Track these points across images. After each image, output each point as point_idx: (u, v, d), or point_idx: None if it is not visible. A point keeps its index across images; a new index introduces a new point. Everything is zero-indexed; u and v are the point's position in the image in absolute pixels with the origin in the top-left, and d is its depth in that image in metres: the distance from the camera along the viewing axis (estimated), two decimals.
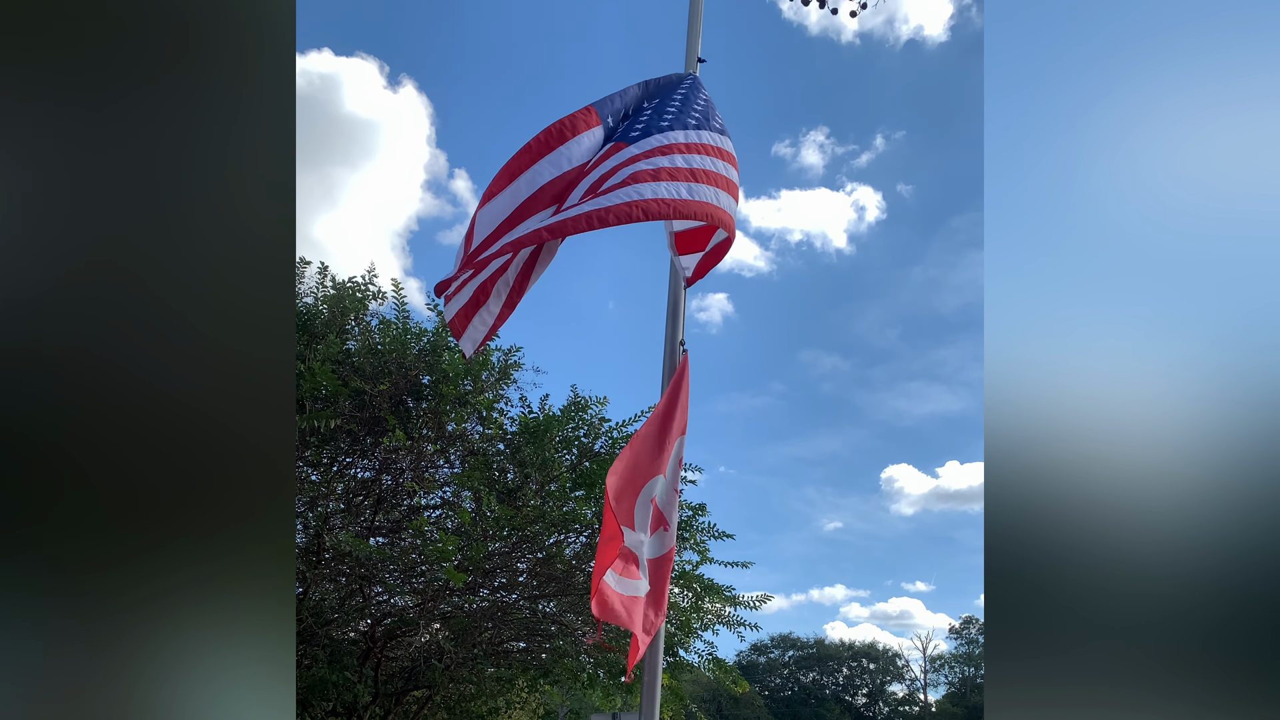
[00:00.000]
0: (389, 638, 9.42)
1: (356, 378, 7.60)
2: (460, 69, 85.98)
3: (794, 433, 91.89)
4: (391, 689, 10.10)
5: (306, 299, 8.21)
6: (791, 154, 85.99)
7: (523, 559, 8.69)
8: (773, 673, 67.46)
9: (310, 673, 8.76)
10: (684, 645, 9.36)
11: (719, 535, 8.96)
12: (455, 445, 8.27)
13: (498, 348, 8.23)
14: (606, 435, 8.55)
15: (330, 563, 7.91)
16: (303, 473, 8.05)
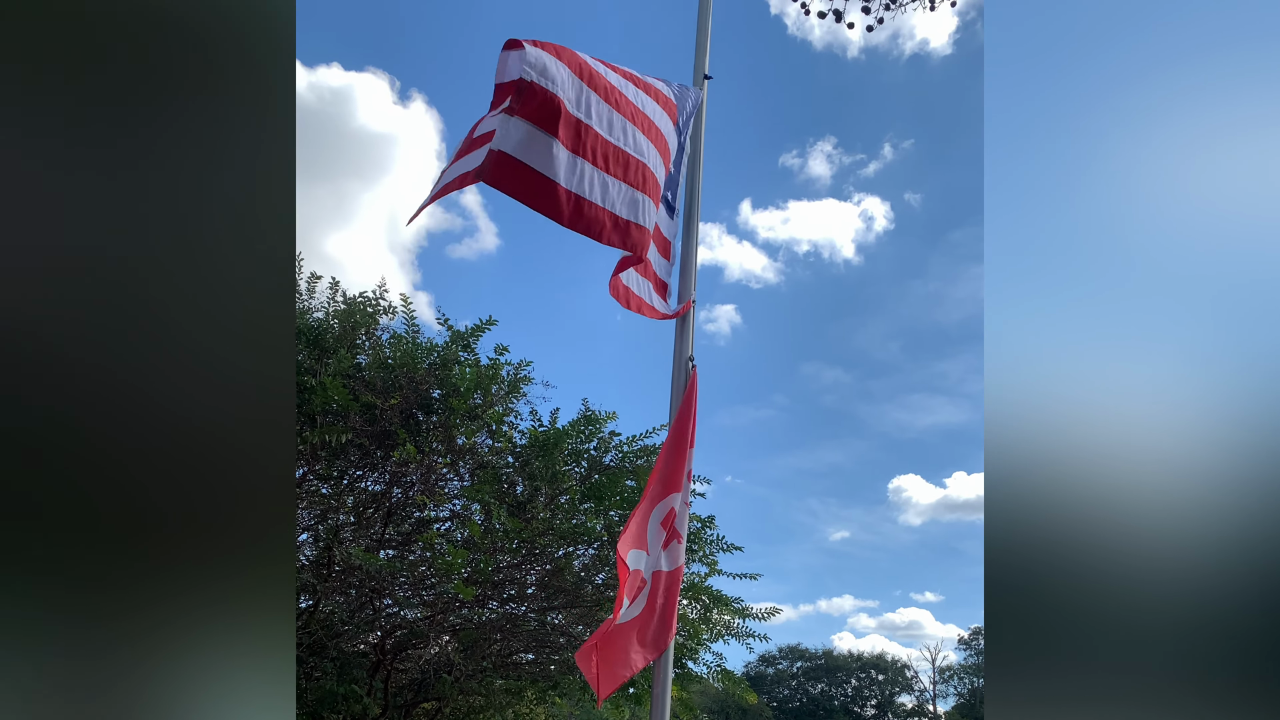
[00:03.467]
0: (399, 650, 9.45)
1: (367, 392, 7.65)
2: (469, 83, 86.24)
3: (796, 445, 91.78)
4: (401, 701, 10.11)
5: (317, 314, 8.27)
6: (799, 165, 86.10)
7: (531, 571, 8.72)
8: (781, 684, 67.18)
9: (320, 685, 8.79)
10: (692, 657, 9.37)
11: (728, 547, 8.96)
12: (465, 458, 8.31)
13: (507, 361, 8.29)
14: (616, 449, 8.58)
15: (340, 575, 7.95)
16: (313, 486, 8.10)
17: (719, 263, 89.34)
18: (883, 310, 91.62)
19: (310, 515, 8.28)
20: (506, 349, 8.18)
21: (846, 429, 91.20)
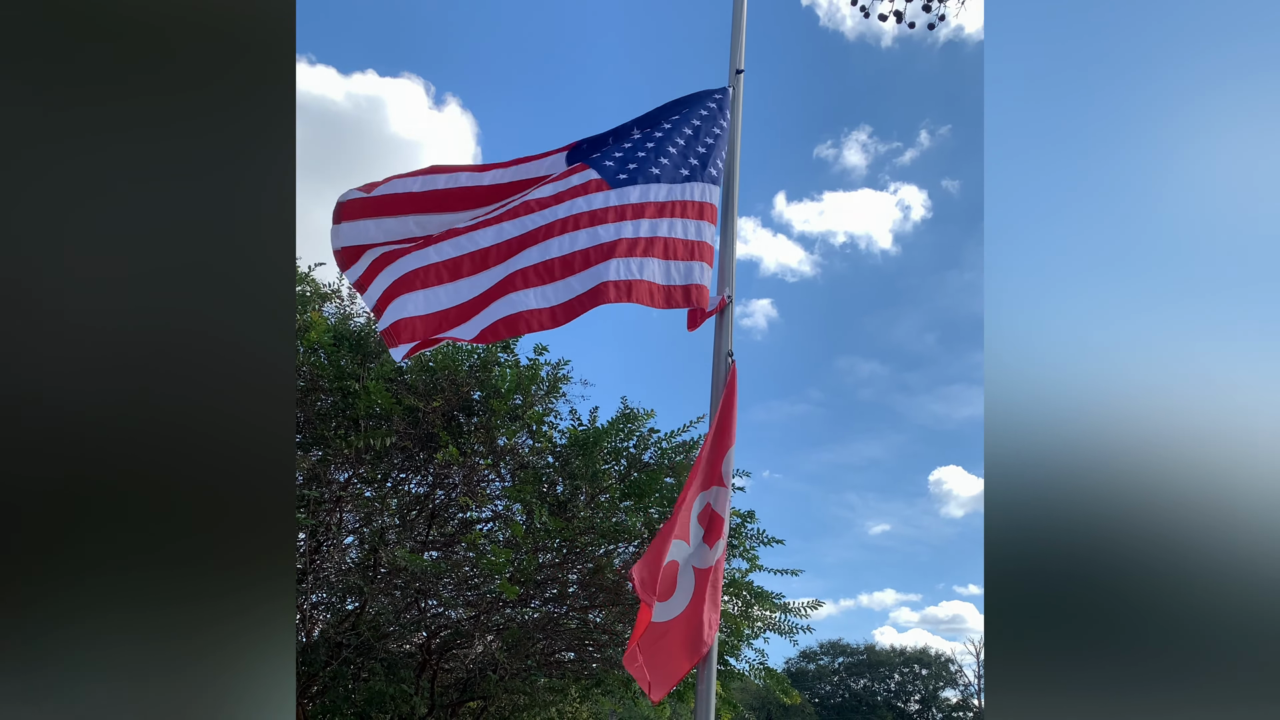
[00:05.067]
0: (444, 650, 9.57)
1: (410, 395, 7.76)
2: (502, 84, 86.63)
3: (833, 439, 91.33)
4: (447, 700, 10.24)
5: (359, 318, 8.40)
6: (834, 155, 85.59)
7: (573, 570, 8.79)
8: (822, 680, 66.87)
9: (368, 685, 8.93)
10: (734, 653, 9.39)
11: (768, 541, 8.95)
12: (506, 459, 8.40)
13: (546, 361, 8.35)
14: (655, 446, 8.62)
15: (386, 577, 8.07)
16: (357, 490, 8.22)
17: (754, 257, 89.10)
18: (919, 302, 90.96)
19: (355, 518, 8.41)
20: (545, 349, 8.24)
21: (884, 422, 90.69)
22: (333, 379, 7.66)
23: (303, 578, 7.72)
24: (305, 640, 8.51)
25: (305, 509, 7.53)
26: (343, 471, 8.11)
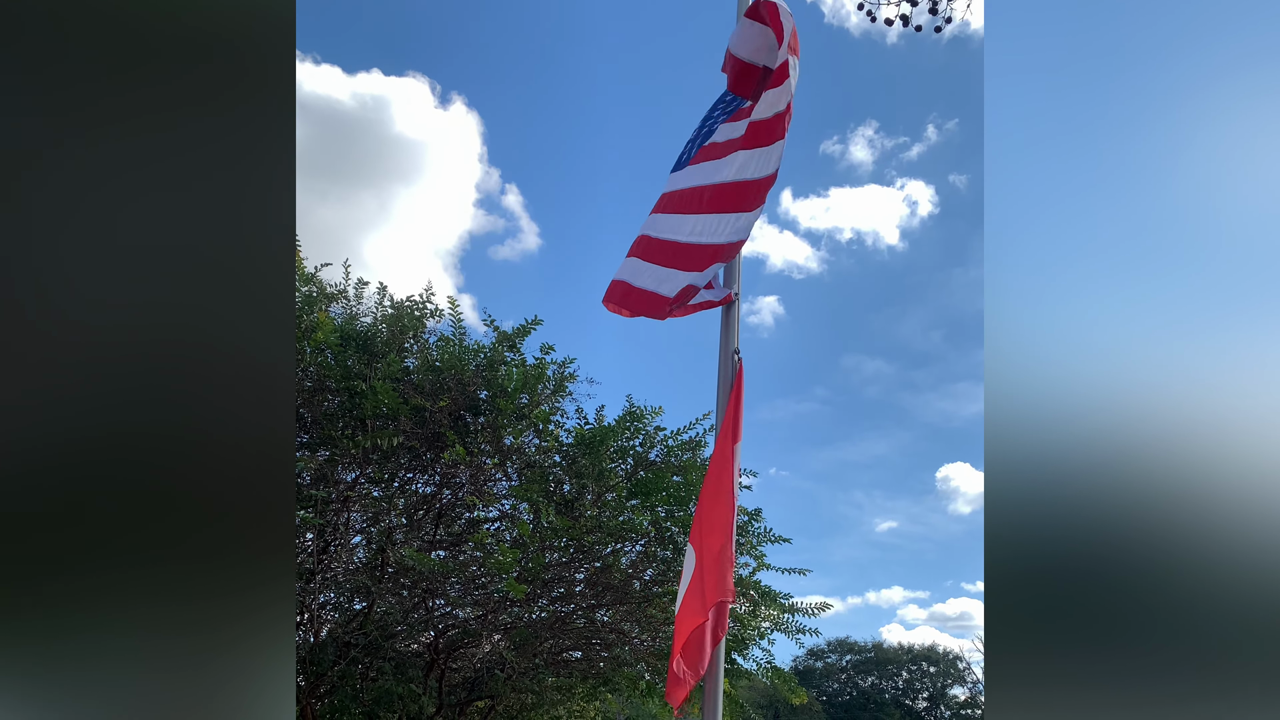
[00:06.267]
0: (452, 649, 9.58)
1: (416, 395, 7.77)
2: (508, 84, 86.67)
3: (839, 437, 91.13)
4: (455, 699, 10.25)
5: (366, 319, 8.41)
6: (840, 151, 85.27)
7: (580, 569, 8.80)
8: (830, 678, 66.80)
9: (376, 685, 8.94)
10: (741, 652, 9.38)
11: (776, 539, 8.93)
12: (513, 458, 8.40)
13: (553, 360, 8.35)
14: (661, 444, 8.62)
15: (393, 577, 8.08)
16: (365, 490, 8.24)
17: (760, 254, 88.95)
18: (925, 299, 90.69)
19: (363, 518, 8.42)
20: (552, 348, 8.25)
21: (890, 420, 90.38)
22: (339, 379, 7.67)
23: (310, 578, 7.74)
24: (313, 640, 8.52)
25: (313, 509, 7.54)
26: (350, 471, 8.12)
